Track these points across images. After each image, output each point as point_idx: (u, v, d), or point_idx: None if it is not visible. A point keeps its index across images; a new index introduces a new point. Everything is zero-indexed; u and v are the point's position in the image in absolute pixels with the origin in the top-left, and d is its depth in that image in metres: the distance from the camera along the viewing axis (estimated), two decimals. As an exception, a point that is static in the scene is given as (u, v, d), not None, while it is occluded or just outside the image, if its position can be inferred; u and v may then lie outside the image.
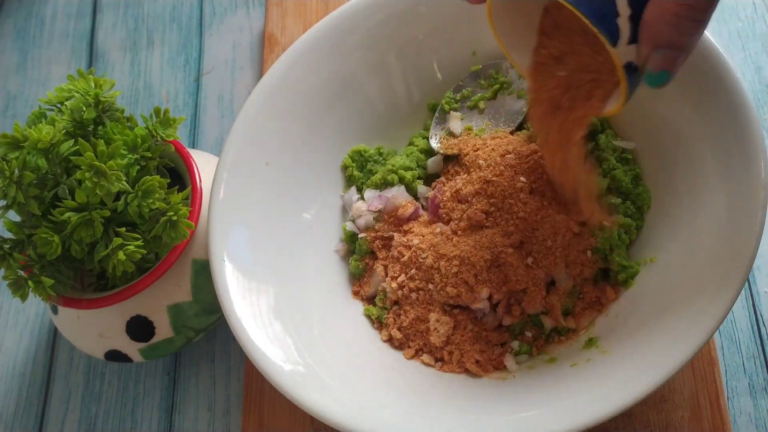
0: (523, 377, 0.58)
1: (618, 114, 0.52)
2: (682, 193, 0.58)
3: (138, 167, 0.59)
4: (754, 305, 0.65)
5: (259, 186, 0.64)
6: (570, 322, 0.60)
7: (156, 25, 0.91)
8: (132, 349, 0.64)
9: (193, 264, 0.63)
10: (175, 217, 0.57)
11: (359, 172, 0.69)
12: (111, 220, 0.57)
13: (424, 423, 0.54)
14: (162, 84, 0.87)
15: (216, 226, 0.60)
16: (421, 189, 0.66)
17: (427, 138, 0.69)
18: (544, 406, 0.53)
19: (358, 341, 0.62)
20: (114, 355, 0.64)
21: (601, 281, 0.61)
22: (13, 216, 0.59)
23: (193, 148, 0.79)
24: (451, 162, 0.67)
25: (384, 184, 0.66)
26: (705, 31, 0.47)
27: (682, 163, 0.58)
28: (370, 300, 0.65)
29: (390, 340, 0.63)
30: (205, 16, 0.90)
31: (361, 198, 0.67)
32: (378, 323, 0.64)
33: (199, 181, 0.63)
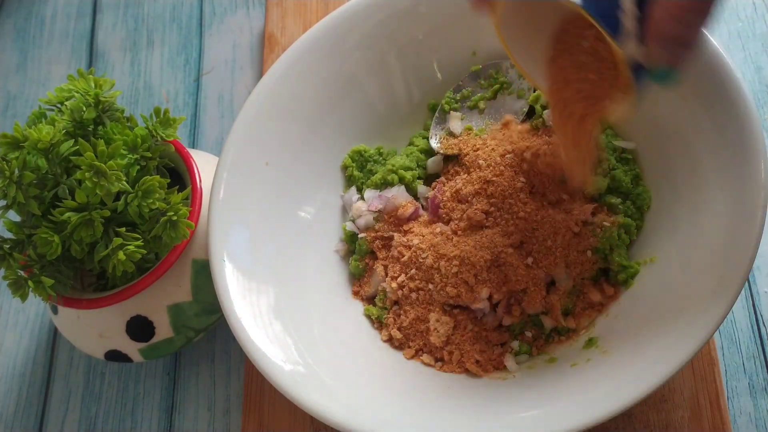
0: (523, 377, 0.58)
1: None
2: (682, 193, 0.58)
3: (138, 167, 0.59)
4: (754, 305, 0.65)
5: (259, 186, 0.64)
6: (570, 322, 0.60)
7: (156, 25, 0.91)
8: (132, 349, 0.64)
9: (193, 264, 0.63)
10: (175, 217, 0.57)
11: (359, 172, 0.69)
12: (111, 220, 0.57)
13: (424, 423, 0.54)
14: (162, 84, 0.87)
15: (216, 226, 0.60)
16: (421, 189, 0.66)
17: (427, 138, 0.69)
18: (544, 406, 0.53)
19: (358, 341, 0.62)
20: (114, 355, 0.64)
21: (601, 281, 0.61)
22: (13, 216, 0.59)
23: (193, 148, 0.79)
24: (451, 162, 0.67)
25: (384, 184, 0.66)
26: (705, 32, 0.47)
27: (682, 163, 0.58)
28: (370, 300, 0.65)
29: (390, 340, 0.63)
30: (205, 16, 0.90)
31: (361, 198, 0.67)
32: (378, 323, 0.64)
33: (199, 181, 0.63)
